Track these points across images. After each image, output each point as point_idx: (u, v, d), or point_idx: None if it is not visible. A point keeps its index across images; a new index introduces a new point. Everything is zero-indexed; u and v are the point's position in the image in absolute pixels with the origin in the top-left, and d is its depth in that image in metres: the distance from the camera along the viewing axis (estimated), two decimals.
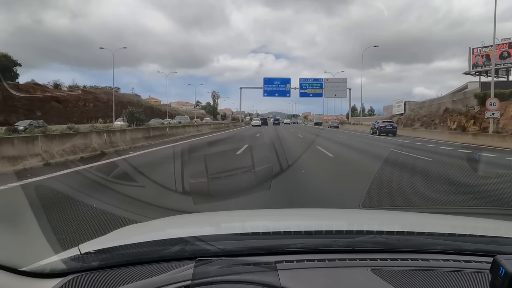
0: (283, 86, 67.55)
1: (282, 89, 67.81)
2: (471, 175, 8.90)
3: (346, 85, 68.47)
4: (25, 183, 6.67)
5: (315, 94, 68.56)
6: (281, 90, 68.06)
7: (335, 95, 68.70)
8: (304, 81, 68.59)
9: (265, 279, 1.01)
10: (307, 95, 68.64)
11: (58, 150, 10.14)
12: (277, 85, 67.32)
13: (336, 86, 67.45)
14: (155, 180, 6.74)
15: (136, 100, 70.98)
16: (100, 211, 4.46)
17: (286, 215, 2.23)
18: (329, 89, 67.80)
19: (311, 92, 67.92)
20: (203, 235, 1.35)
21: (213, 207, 4.26)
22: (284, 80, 69.16)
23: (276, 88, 67.67)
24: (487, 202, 5.63)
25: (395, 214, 2.60)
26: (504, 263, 0.87)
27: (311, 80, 68.87)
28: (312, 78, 69.66)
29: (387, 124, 32.80)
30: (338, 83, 67.91)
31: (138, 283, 1.05)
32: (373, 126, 35.44)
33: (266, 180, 6.27)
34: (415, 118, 41.04)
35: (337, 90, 67.46)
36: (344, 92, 68.38)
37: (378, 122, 34.25)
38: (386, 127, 32.15)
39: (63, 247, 1.42)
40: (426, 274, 1.12)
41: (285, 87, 67.51)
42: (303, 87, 67.81)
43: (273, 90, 68.01)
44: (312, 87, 67.78)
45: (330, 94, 68.90)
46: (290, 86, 67.85)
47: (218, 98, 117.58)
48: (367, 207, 4.45)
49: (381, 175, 8.19)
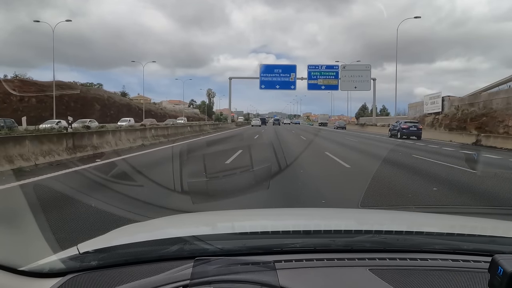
0: (286, 76, 52.21)
1: (285, 79, 52.26)
2: None
3: (370, 74, 51.78)
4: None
5: (328, 86, 52.92)
6: (284, 81, 52.43)
7: (355, 87, 52.19)
8: (314, 69, 52.39)
9: (263, 278, 1.01)
10: (318, 87, 52.74)
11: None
12: (278, 74, 52.16)
13: (356, 76, 51.30)
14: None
15: (106, 96, 59.88)
16: (98, 210, 4.45)
17: (284, 215, 2.23)
18: (347, 80, 51.37)
19: (323, 83, 52.03)
20: (201, 235, 1.35)
21: (212, 207, 4.25)
22: (287, 68, 53.49)
23: (277, 79, 52.30)
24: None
25: (393, 213, 2.60)
26: (503, 263, 0.87)
27: (323, 68, 52.47)
28: (324, 65, 52.76)
29: (410, 125, 27.89)
30: (359, 71, 51.57)
31: (137, 282, 1.04)
32: (392, 127, 30.82)
33: (265, 180, 6.26)
34: (466, 118, 28.98)
35: (357, 81, 51.36)
36: (367, 84, 51.70)
37: (400, 123, 29.22)
38: (409, 129, 27.45)
39: (61, 246, 1.42)
40: (424, 273, 1.13)
41: (289, 77, 52.09)
42: (313, 77, 51.91)
43: (273, 81, 52.46)
44: (325, 76, 51.93)
45: (348, 86, 52.58)
46: (296, 76, 52.34)
47: (214, 97, 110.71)
48: (365, 206, 4.46)
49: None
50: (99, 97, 56.57)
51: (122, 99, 67.64)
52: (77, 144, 11.72)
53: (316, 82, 52.29)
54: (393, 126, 30.63)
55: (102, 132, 14.38)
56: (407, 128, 27.63)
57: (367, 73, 52.00)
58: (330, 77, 52.11)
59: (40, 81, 49.57)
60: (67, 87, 47.27)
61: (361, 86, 52.14)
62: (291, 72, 52.75)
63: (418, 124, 28.68)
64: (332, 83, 52.49)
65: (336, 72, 52.15)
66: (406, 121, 30.19)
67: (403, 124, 28.36)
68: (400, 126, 28.29)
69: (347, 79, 51.56)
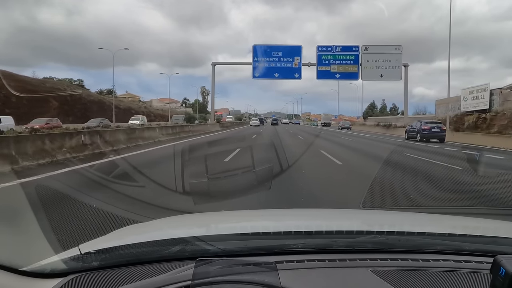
0: (288, 61, 39.47)
1: (287, 65, 39.53)
2: None
3: (401, 58, 38.91)
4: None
5: (345, 74, 39.77)
6: (285, 68, 39.58)
7: (381, 75, 38.94)
8: (325, 52, 39.41)
9: (265, 279, 1.01)
10: (331, 76, 40.09)
11: None
12: (278, 59, 39.43)
13: (382, 60, 38.46)
14: None
15: (70, 91, 48.82)
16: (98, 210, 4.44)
17: (286, 215, 2.23)
18: (370, 66, 38.64)
19: (337, 70, 39.21)
20: (203, 235, 1.35)
21: (213, 207, 4.25)
22: (290, 50, 39.98)
23: (276, 64, 39.50)
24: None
25: (395, 214, 2.60)
26: (505, 263, 0.87)
27: (338, 50, 39.38)
28: (339, 45, 39.68)
29: (432, 126, 23.89)
30: (387, 54, 38.44)
31: (138, 283, 1.05)
32: (410, 128, 26.67)
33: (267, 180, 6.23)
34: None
35: (384, 67, 38.49)
36: (396, 72, 38.75)
37: (420, 123, 25.01)
38: (431, 130, 23.57)
39: (63, 247, 1.42)
40: (426, 274, 1.13)
41: (292, 62, 39.35)
42: (324, 62, 39.23)
43: (270, 68, 39.53)
44: (340, 61, 39.17)
45: (371, 75, 39.34)
46: (301, 61, 39.63)
47: (208, 95, 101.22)
48: (367, 207, 4.45)
49: None
50: (58, 91, 44.74)
51: (91, 95, 56.22)
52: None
53: (329, 68, 39.13)
54: (411, 127, 26.50)
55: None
56: (428, 130, 23.68)
57: (397, 56, 38.56)
58: (348, 62, 38.91)
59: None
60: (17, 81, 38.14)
61: (389, 75, 38.44)
62: (295, 56, 39.53)
63: (441, 124, 24.59)
64: (349, 70, 39.07)
65: (356, 56, 38.67)
66: (427, 121, 25.66)
67: (423, 125, 24.15)
68: (420, 127, 24.21)
69: (370, 65, 38.44)
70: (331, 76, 40.45)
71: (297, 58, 39.78)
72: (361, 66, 39.09)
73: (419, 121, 26.47)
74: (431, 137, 23.58)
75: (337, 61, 39.50)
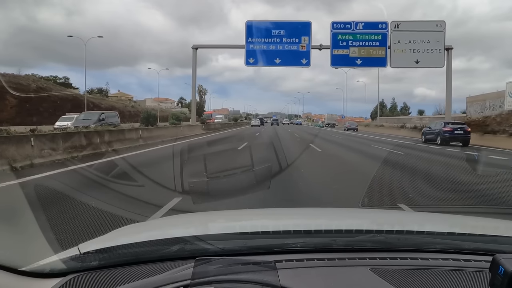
0: (293, 42, 29.12)
1: (292, 47, 29.09)
2: None
3: (443, 38, 28.24)
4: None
5: (368, 60, 29.03)
6: (289, 52, 29.10)
7: (417, 61, 28.55)
8: (343, 30, 28.96)
9: (264, 278, 1.01)
10: (350, 62, 29.73)
11: None
12: (280, 39, 29.06)
13: (418, 41, 28.36)
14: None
15: (35, 86, 40.13)
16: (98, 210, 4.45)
17: (285, 214, 2.23)
18: (402, 49, 28.48)
19: (359, 54, 28.86)
20: (202, 235, 1.35)
21: (212, 207, 4.26)
22: (295, 27, 29.40)
23: (277, 47, 29.16)
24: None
25: (394, 213, 2.60)
26: (504, 262, 0.87)
27: (359, 27, 28.90)
28: (362, 21, 29.10)
29: (455, 128, 21.00)
30: (425, 32, 28.27)
31: (138, 282, 1.05)
32: (427, 130, 23.43)
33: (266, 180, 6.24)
34: None
35: (421, 50, 28.33)
36: (437, 57, 28.26)
37: (440, 124, 21.95)
38: (454, 132, 20.73)
39: (62, 246, 1.42)
40: (425, 273, 1.13)
41: (298, 44, 29.01)
42: (341, 44, 28.86)
43: (270, 52, 29.24)
44: (363, 42, 28.73)
45: (404, 61, 28.94)
46: (310, 41, 28.96)
47: (205, 94, 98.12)
48: (366, 206, 4.46)
49: None
50: (19, 87, 35.24)
51: (64, 90, 47.75)
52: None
53: (347, 52, 28.63)
54: (429, 129, 23.25)
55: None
56: (450, 131, 20.78)
57: (437, 36, 28.10)
58: (372, 43, 28.48)
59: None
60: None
61: (427, 60, 28.18)
62: (302, 36, 28.92)
63: (465, 125, 21.68)
64: (375, 54, 28.53)
65: (383, 36, 28.52)
66: (449, 122, 22.56)
67: (445, 126, 21.24)
68: (441, 129, 21.20)
69: (402, 47, 28.23)
70: (350, 62, 29.60)
71: (305, 38, 28.87)
72: (390, 49, 28.44)
73: (438, 122, 23.31)
74: (454, 140, 20.77)
75: (358, 42, 28.75)
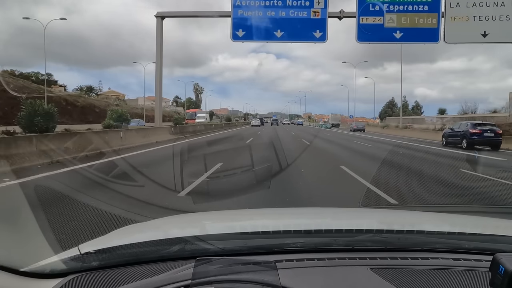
0: (301, 6, 20.30)
1: (300, 14, 20.30)
2: None
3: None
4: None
5: (412, 32, 20.10)
6: (296, 20, 20.26)
7: (485, 33, 19.23)
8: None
9: (265, 278, 1.01)
10: (386, 35, 20.33)
11: None
12: (282, 3, 20.18)
13: (485, 4, 19.20)
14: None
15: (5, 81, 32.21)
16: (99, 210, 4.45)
17: (285, 214, 2.23)
18: (464, 16, 19.47)
19: (398, 25, 19.95)
20: (203, 235, 1.36)
21: (213, 207, 4.26)
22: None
23: (278, 14, 20.26)
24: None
25: (394, 212, 2.60)
26: (504, 262, 0.87)
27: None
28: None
29: (485, 130, 18.12)
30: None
31: (138, 283, 1.05)
32: (449, 132, 20.56)
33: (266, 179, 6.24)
34: None
35: (489, 19, 19.16)
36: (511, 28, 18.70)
37: (466, 125, 19.02)
38: (483, 135, 17.93)
39: (62, 247, 1.42)
40: (425, 272, 1.13)
41: (309, 9, 20.32)
42: (372, 10, 20.22)
43: (268, 20, 20.44)
44: (404, 6, 19.93)
45: (466, 33, 19.73)
46: (326, 6, 20.44)
47: (202, 93, 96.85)
48: (366, 206, 4.46)
49: None
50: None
51: (32, 86, 41.32)
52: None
53: (381, 21, 20.36)
54: (451, 131, 20.25)
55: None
56: (479, 134, 17.87)
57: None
58: (419, 8, 20.24)
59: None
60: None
61: (499, 32, 19.72)
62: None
63: (495, 127, 18.67)
64: (423, 25, 20.30)
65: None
66: (476, 122, 19.52)
67: (472, 128, 18.28)
68: (468, 131, 18.24)
69: (463, 13, 19.90)
70: (385, 35, 20.66)
71: (319, 1, 20.61)
72: (445, 16, 20.19)
73: (463, 123, 20.13)
74: (483, 144, 18.13)
75: (398, 7, 20.31)
